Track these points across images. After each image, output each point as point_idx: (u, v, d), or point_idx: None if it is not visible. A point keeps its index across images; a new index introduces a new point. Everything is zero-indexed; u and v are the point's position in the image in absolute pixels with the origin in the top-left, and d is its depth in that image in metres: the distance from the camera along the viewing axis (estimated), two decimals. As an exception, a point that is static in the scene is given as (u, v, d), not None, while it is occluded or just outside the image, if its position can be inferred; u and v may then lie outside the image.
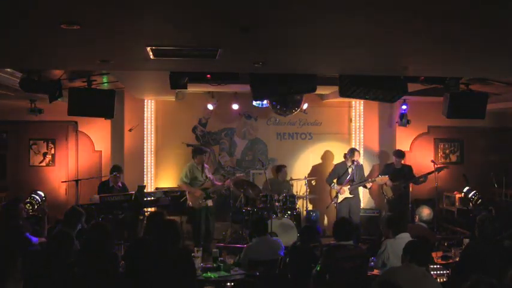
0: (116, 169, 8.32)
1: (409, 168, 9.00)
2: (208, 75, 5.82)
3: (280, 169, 9.11)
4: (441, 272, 5.15)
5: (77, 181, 8.05)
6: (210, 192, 8.24)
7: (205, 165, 8.53)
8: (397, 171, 8.87)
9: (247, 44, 4.07)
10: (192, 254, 4.89)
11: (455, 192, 9.57)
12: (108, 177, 8.37)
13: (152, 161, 9.62)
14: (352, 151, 8.75)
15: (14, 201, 6.32)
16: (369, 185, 8.80)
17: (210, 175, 8.46)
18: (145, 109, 9.52)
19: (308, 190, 9.14)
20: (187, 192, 8.27)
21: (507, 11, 3.03)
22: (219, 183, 8.41)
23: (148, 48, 4.12)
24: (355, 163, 8.63)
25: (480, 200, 9.00)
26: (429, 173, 8.74)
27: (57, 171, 9.59)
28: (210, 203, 8.32)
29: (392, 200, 8.81)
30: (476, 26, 3.40)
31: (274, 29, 3.55)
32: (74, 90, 6.35)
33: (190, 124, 9.74)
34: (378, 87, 5.97)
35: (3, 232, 5.69)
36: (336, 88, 6.56)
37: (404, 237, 4.74)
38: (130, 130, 9.41)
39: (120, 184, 8.36)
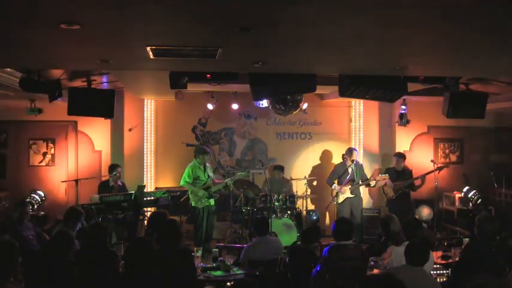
0: (114, 168, 8.35)
1: (409, 172, 8.96)
2: (208, 75, 5.81)
3: (277, 167, 9.13)
4: (441, 272, 5.15)
5: (76, 181, 8.05)
6: (212, 191, 8.24)
7: (208, 164, 8.52)
8: (399, 173, 8.86)
9: (247, 44, 4.07)
10: (192, 254, 4.89)
11: (455, 192, 9.57)
12: (108, 177, 8.39)
13: (152, 160, 9.63)
14: (350, 151, 8.74)
15: (22, 205, 6.36)
16: (372, 183, 8.71)
17: (211, 174, 8.47)
18: (145, 109, 9.53)
19: (308, 190, 9.14)
20: (189, 192, 8.27)
21: (507, 11, 3.03)
22: (219, 181, 8.41)
23: (148, 48, 4.12)
24: (355, 162, 8.63)
25: (480, 200, 9.01)
26: (427, 174, 8.72)
27: (57, 171, 9.58)
28: (212, 202, 8.33)
29: (393, 200, 8.80)
30: (476, 26, 3.40)
31: (274, 29, 3.54)
32: (73, 90, 6.36)
33: (190, 124, 9.74)
34: (378, 87, 5.97)
35: (4, 232, 5.69)
36: (335, 88, 6.56)
37: None
38: (130, 130, 9.42)
39: (120, 183, 8.39)
